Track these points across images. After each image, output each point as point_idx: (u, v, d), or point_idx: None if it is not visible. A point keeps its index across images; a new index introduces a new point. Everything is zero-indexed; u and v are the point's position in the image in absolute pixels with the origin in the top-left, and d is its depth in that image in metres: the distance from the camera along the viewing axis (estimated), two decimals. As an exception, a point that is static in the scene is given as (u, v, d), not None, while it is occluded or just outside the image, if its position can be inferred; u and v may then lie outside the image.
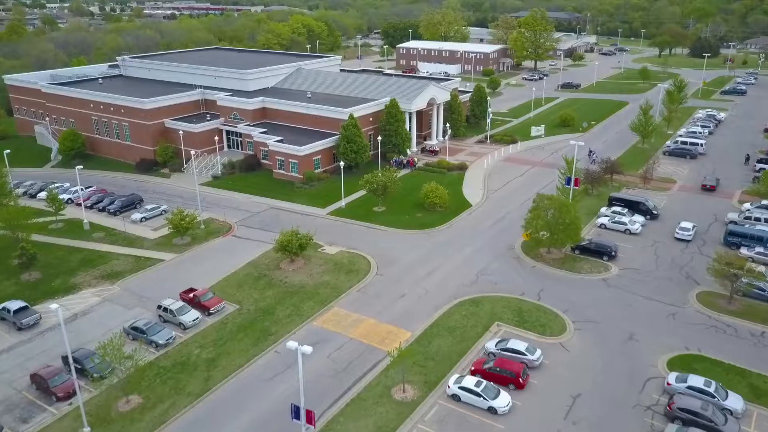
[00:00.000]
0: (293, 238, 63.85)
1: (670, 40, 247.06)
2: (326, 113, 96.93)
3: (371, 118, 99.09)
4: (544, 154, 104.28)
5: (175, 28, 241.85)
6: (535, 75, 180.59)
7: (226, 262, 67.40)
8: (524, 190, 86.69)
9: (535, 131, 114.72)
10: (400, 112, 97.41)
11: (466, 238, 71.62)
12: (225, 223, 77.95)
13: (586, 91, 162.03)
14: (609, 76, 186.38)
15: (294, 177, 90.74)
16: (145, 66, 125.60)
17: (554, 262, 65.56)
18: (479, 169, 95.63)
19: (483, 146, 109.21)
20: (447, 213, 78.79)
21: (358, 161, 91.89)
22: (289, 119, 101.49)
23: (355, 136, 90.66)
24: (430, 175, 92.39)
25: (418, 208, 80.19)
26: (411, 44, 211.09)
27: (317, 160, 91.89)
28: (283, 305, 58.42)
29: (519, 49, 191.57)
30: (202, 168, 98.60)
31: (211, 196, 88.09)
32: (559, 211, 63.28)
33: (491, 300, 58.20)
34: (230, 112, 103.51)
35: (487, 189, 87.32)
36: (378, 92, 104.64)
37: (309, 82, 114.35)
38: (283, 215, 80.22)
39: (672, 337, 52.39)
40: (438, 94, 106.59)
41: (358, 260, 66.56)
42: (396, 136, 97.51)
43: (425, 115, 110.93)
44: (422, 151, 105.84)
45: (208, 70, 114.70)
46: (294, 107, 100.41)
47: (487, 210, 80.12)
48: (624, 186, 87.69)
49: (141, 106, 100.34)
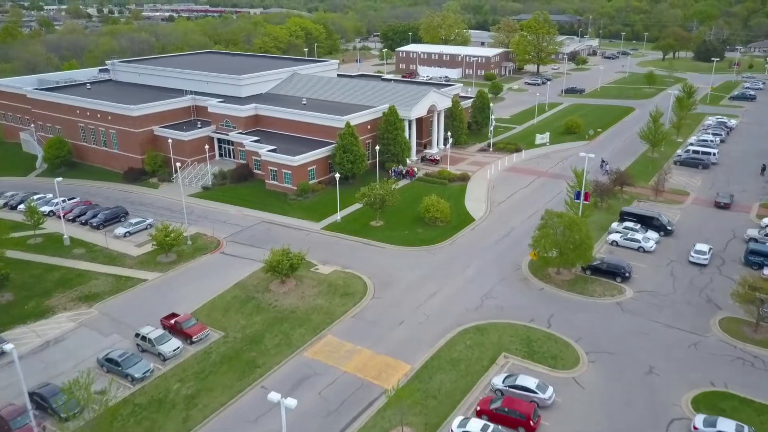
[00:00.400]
0: (283, 258, 59.41)
1: (674, 44, 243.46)
2: (322, 121, 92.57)
3: (369, 126, 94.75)
4: (550, 163, 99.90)
5: (170, 31, 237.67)
6: (538, 79, 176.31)
7: (212, 282, 62.96)
8: (530, 203, 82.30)
9: (540, 139, 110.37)
10: (399, 120, 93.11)
11: (469, 257, 67.18)
12: (213, 239, 73.53)
13: (591, 97, 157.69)
14: (613, 80, 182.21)
15: (287, 188, 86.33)
16: (135, 70, 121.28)
17: (564, 283, 61.11)
18: (482, 180, 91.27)
19: (485, 155, 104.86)
20: (448, 228, 74.39)
21: (354, 171, 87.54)
22: (283, 127, 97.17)
23: (352, 145, 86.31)
24: (430, 186, 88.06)
25: (418, 223, 75.80)
26: (410, 48, 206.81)
27: (312, 171, 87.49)
28: (272, 333, 53.95)
29: (521, 52, 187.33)
30: (191, 178, 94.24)
31: (200, 208, 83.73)
32: (570, 229, 58.90)
33: (498, 327, 53.74)
34: (222, 120, 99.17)
35: (490, 202, 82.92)
36: (376, 99, 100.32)
37: (305, 88, 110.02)
38: (275, 230, 75.82)
39: (695, 371, 47.96)
40: (439, 100, 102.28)
41: (354, 281, 62.09)
42: (395, 144, 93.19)
43: (425, 123, 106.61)
44: (422, 160, 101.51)
45: (200, 75, 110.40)
46: (288, 114, 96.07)
47: (491, 225, 75.70)
48: (635, 198, 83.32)
49: (129, 112, 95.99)
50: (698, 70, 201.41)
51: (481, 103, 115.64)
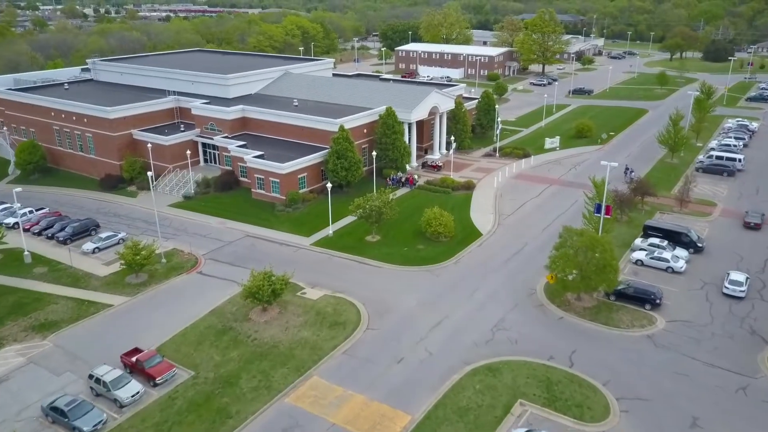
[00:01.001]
0: (264, 283, 51.86)
1: (682, 43, 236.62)
2: (314, 124, 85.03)
3: (365, 130, 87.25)
4: (562, 170, 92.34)
5: (162, 30, 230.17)
6: (544, 80, 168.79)
7: (186, 308, 55.42)
8: (543, 214, 74.76)
9: (549, 143, 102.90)
10: (397, 123, 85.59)
11: (477, 278, 59.62)
12: (191, 256, 65.99)
13: (600, 98, 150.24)
14: (622, 81, 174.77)
15: (275, 198, 78.78)
16: (117, 70, 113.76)
17: (586, 311, 53.58)
18: (488, 189, 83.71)
19: (491, 160, 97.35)
20: (453, 244, 66.86)
21: (349, 179, 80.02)
22: (272, 131, 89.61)
23: (347, 150, 78.79)
24: (432, 196, 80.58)
25: (418, 238, 68.27)
26: (410, 47, 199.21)
27: (302, 179, 79.92)
28: (250, 372, 46.42)
29: (526, 52, 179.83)
30: (173, 186, 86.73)
31: (179, 219, 76.27)
32: (592, 249, 51.43)
33: (512, 366, 46.20)
34: (206, 122, 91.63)
35: (498, 213, 75.34)
36: (374, 100, 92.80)
37: (297, 88, 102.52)
38: (260, 245, 68.31)
39: (748, 424, 40.46)
40: (441, 101, 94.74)
41: (346, 308, 54.50)
42: (393, 149, 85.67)
43: (426, 126, 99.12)
44: (423, 166, 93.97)
45: (185, 75, 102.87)
46: (278, 117, 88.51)
47: (501, 240, 68.15)
48: (656, 210, 75.81)
49: (105, 114, 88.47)
50: (709, 70, 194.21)
51: (486, 104, 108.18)
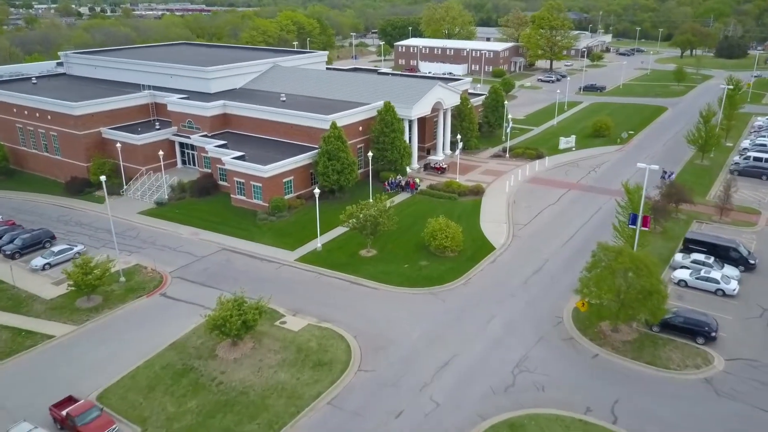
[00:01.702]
0: (233, 313, 42.37)
1: (693, 39, 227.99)
2: (302, 121, 75.51)
3: (361, 128, 77.78)
4: (580, 172, 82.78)
5: (152, 26, 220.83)
6: (552, 76, 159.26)
7: (141, 341, 45.94)
8: (563, 224, 65.23)
9: (564, 143, 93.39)
10: (397, 120, 76.13)
11: (491, 304, 50.07)
12: (155, 274, 56.46)
13: (613, 95, 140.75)
14: (634, 77, 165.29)
15: (257, 205, 69.28)
16: (91, 63, 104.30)
17: (625, 347, 44.03)
18: (500, 194, 74.17)
19: (501, 162, 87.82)
20: (461, 260, 57.32)
21: (342, 184, 70.52)
22: (257, 129, 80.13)
23: (339, 150, 69.30)
24: (435, 202, 71.13)
25: (421, 252, 58.72)
26: (411, 42, 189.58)
27: (288, 183, 70.39)
28: (210, 429, 36.89)
29: (533, 47, 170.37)
30: (145, 190, 77.29)
31: (147, 230, 66.80)
32: (636, 273, 41.97)
33: (540, 422, 36.63)
34: (183, 120, 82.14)
35: (512, 223, 65.79)
36: (372, 95, 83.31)
37: (287, 82, 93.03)
38: (237, 261, 58.80)
39: None
40: (445, 96, 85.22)
41: (333, 343, 44.93)
42: (392, 149, 76.18)
43: (429, 123, 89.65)
44: (425, 168, 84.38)
45: (162, 68, 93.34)
46: (262, 113, 78.97)
47: (517, 256, 58.56)
48: (693, 219, 66.31)
49: (70, 111, 79.04)
50: (723, 67, 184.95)
51: (494, 100, 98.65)
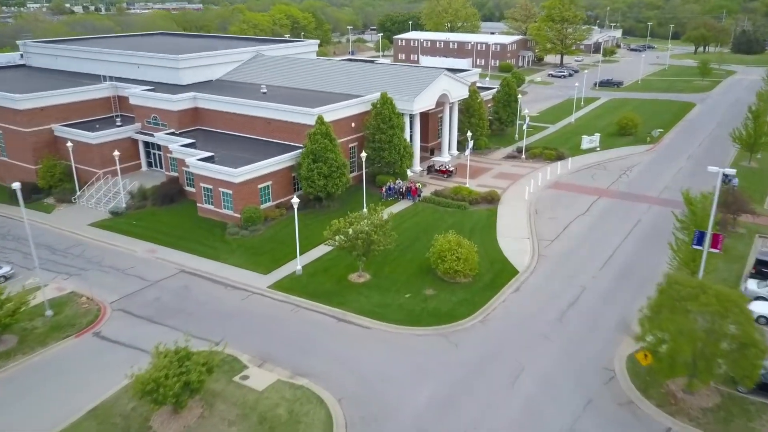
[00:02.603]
0: (171, 371, 30.75)
1: (708, 35, 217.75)
2: (283, 115, 63.96)
3: (353, 124, 66.25)
4: (610, 176, 71.22)
5: (138, 21, 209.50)
6: (564, 71, 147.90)
7: (54, 403, 34.37)
8: (598, 241, 53.63)
9: (588, 142, 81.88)
10: (396, 115, 64.65)
11: (518, 349, 38.43)
12: (91, 306, 44.90)
13: (632, 90, 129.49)
14: (651, 73, 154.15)
15: (227, 216, 57.67)
16: (51, 53, 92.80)
17: (706, 416, 32.37)
18: (518, 202, 62.59)
19: (516, 163, 76.26)
20: (477, 287, 45.73)
21: (330, 190, 58.92)
22: (233, 125, 68.63)
23: (326, 150, 57.75)
24: (442, 212, 59.61)
25: (426, 277, 47.14)
26: (411, 35, 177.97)
27: (265, 189, 58.76)
28: None
29: (542, 40, 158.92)
30: (100, 197, 65.77)
31: (96, 246, 55.28)
32: (722, 317, 30.47)
33: None
34: (148, 115, 70.67)
35: (537, 238, 54.16)
36: (368, 86, 71.74)
37: (271, 72, 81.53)
38: (197, 287, 47.23)
39: None
40: (452, 88, 73.69)
41: (309, 410, 33.22)
42: (390, 149, 64.67)
43: (432, 120, 78.20)
44: (429, 171, 72.78)
45: (127, 57, 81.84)
46: (238, 107, 67.40)
47: (546, 282, 46.93)
48: (754, 233, 54.74)
49: (13, 104, 67.57)
50: (743, 62, 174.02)
51: (505, 94, 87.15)
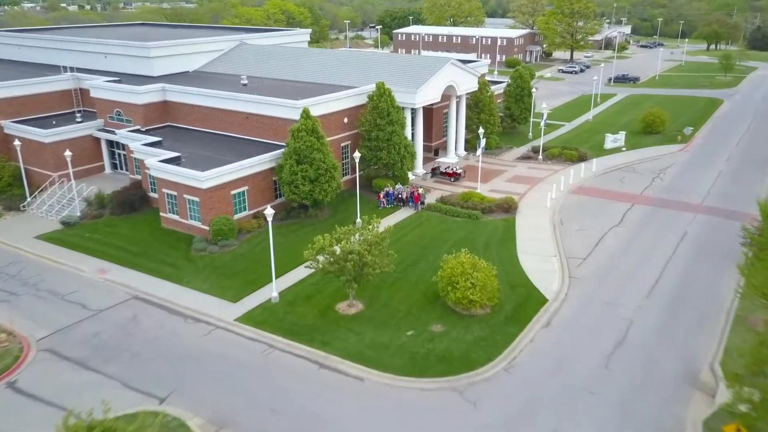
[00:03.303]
0: (74, 463, 21.60)
1: (720, 31, 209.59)
2: (263, 109, 54.74)
3: (346, 119, 57.13)
4: (641, 179, 62.04)
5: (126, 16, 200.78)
6: (575, 66, 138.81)
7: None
8: (639, 259, 44.37)
9: (612, 141, 72.78)
10: (395, 109, 55.52)
11: (555, 410, 29.15)
12: (12, 343, 35.74)
13: (649, 86, 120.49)
14: (668, 69, 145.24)
15: (194, 228, 48.50)
16: (14, 42, 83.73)
17: None
18: (539, 210, 53.38)
19: (532, 165, 67.10)
20: (497, 320, 36.46)
21: (318, 197, 49.74)
22: (208, 122, 59.50)
23: (313, 149, 48.59)
24: (450, 223, 50.43)
25: (432, 306, 37.91)
26: (412, 29, 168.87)
27: (240, 196, 49.57)
28: None
29: (551, 34, 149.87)
30: (54, 204, 56.63)
31: (39, 263, 46.12)
32: None
33: None
34: (111, 109, 61.62)
35: (565, 255, 44.91)
36: (364, 77, 62.57)
37: (256, 62, 72.49)
38: (149, 319, 38.06)
39: None
40: (460, 79, 64.57)
41: (274, 508, 24.23)
42: (389, 149, 55.52)
43: (437, 116, 69.18)
44: (433, 174, 63.50)
45: (93, 45, 72.86)
46: (213, 100, 58.17)
47: (582, 314, 37.61)
48: (826, 248, 45.56)
49: (-46, 98, 58.75)
50: (761, 59, 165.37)
51: (518, 88, 78.10)
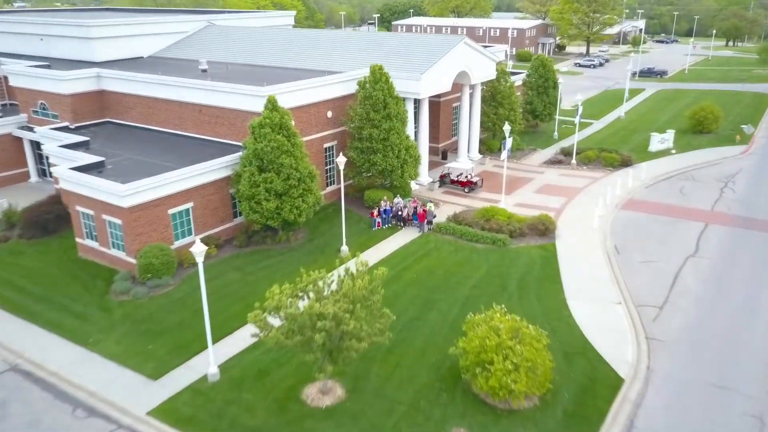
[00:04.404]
0: None
1: (740, 25, 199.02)
2: (220, 99, 41.57)
3: (330, 113, 44.13)
4: (706, 190, 48.93)
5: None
6: (594, 60, 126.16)
7: None
8: (745, 305, 31.11)
9: (658, 142, 59.73)
10: (394, 99, 42.49)
11: None
12: None
13: (679, 81, 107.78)
14: (695, 63, 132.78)
15: (118, 260, 35.41)
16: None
17: None
18: (584, 232, 40.26)
19: (565, 171, 53.99)
20: (549, 418, 23.36)
21: (288, 218, 36.64)
22: (156, 117, 46.44)
23: (280, 152, 35.55)
24: (468, 250, 37.33)
25: (450, 396, 24.73)
26: (413, 21, 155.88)
27: (182, 216, 36.50)
28: None
29: (565, 25, 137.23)
30: (-47, 223, 43.60)
31: None
32: None
33: None
34: (34, 102, 48.75)
35: (633, 302, 31.76)
36: (361, 62, 49.47)
37: (226, 46, 59.52)
38: (24, 406, 25.00)
39: None
40: (475, 65, 51.60)
41: None
42: (384, 150, 42.44)
43: (445, 111, 56.33)
44: (442, 183, 50.31)
45: (26, 26, 59.93)
46: (159, 89, 45.09)
47: (678, 404, 24.42)
48: None
49: None
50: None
51: (541, 78, 65.09)
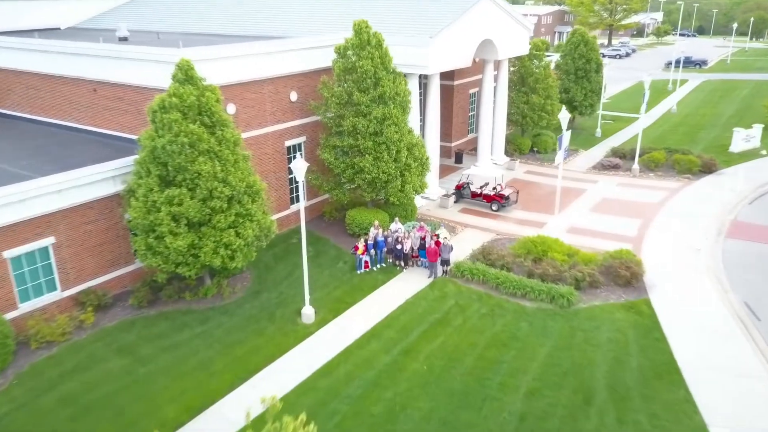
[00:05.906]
0: None
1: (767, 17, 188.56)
2: (119, 72, 26.91)
3: (295, 95, 29.60)
4: (838, 207, 34.64)
5: None
6: (621, 49, 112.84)
7: None
8: None
9: (744, 139, 45.39)
10: (389, 74, 28.02)
11: None
12: None
13: (722, 71, 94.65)
14: (733, 53, 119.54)
15: None
16: None
17: None
18: (688, 277, 25.78)
19: (625, 180, 39.42)
20: None
21: (213, 262, 22.12)
22: (43, 102, 32.00)
23: (197, 152, 21.12)
24: (510, 314, 22.73)
25: None
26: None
27: (36, 258, 22.06)
28: None
29: (584, 12, 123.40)
30: None
31: None
32: None
33: None
34: None
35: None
36: (339, 24, 35.07)
37: (168, 14, 45.13)
38: None
39: None
40: (501, 33, 37.23)
41: None
42: (376, 150, 27.84)
43: (459, 98, 42.04)
44: (460, 196, 35.71)
45: None
46: (41, 59, 30.54)
47: None
48: None
49: None
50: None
51: (581, 59, 50.47)
